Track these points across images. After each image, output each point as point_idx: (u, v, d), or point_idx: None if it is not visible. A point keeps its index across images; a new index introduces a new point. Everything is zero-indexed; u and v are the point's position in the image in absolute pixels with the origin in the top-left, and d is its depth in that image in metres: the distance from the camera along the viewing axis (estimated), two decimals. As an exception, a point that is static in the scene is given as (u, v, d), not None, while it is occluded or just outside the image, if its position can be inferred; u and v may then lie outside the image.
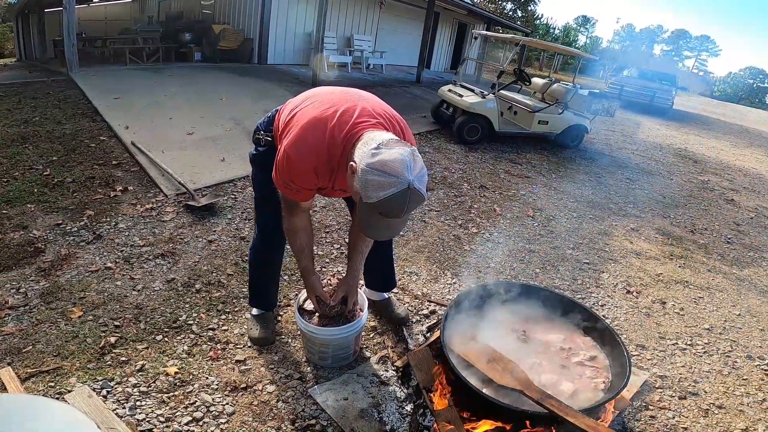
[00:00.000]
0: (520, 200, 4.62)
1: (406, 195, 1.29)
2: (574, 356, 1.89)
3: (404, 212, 1.33)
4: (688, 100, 25.20)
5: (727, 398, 2.23)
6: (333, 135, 1.48)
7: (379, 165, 1.28)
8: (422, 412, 1.83)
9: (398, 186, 1.27)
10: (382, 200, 1.29)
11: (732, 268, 3.80)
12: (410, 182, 1.28)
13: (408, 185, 1.28)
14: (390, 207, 1.30)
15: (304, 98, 1.66)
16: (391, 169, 1.28)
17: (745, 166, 8.30)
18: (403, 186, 1.28)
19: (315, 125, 1.50)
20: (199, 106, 5.80)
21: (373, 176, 1.28)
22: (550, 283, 3.07)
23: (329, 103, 1.55)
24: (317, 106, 1.56)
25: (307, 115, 1.53)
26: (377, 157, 1.30)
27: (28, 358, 1.92)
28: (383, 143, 1.33)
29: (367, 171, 1.29)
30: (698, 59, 66.16)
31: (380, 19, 12.80)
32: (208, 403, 1.82)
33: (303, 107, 1.60)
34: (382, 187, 1.28)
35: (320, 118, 1.50)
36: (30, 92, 5.71)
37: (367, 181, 1.29)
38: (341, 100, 1.56)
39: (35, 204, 3.16)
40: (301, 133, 1.50)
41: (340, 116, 1.49)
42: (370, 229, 1.41)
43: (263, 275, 2.17)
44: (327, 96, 1.61)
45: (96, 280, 2.48)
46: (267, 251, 2.09)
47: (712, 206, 5.48)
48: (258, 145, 1.87)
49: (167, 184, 3.68)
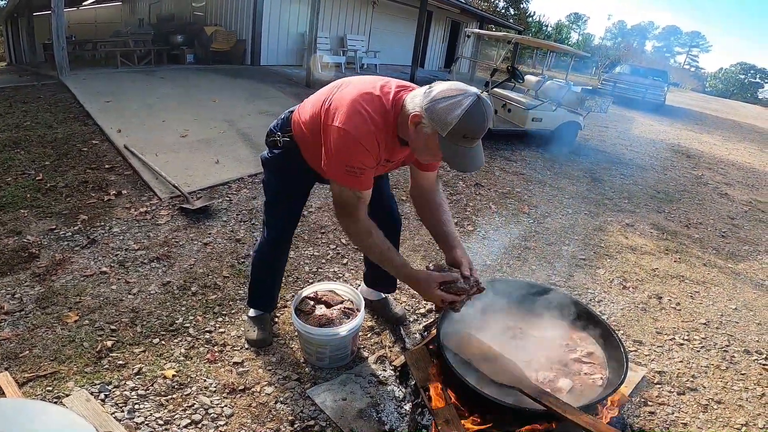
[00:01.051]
0: (515, 197, 4.63)
1: (480, 104, 1.34)
2: (571, 353, 1.89)
3: (487, 121, 1.36)
4: (680, 95, 25.36)
5: (725, 393, 2.24)
6: (382, 102, 1.50)
7: (441, 93, 1.35)
8: (420, 411, 1.83)
9: (469, 98, 1.33)
10: (462, 117, 1.32)
11: (727, 262, 3.82)
12: (476, 92, 1.35)
13: (476, 95, 1.34)
14: (473, 120, 1.33)
15: (329, 90, 1.65)
16: (454, 90, 1.35)
17: (738, 160, 8.36)
18: (473, 96, 1.34)
19: (362, 98, 1.50)
20: (192, 109, 5.78)
21: (441, 104, 1.34)
22: (546, 280, 3.07)
23: (364, 83, 1.57)
24: (354, 86, 1.56)
25: (349, 95, 1.52)
26: (434, 91, 1.37)
27: (25, 362, 1.91)
28: (430, 85, 1.41)
29: (434, 103, 1.35)
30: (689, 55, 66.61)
31: (373, 18, 12.79)
32: (206, 406, 1.81)
33: (338, 93, 1.58)
34: (456, 107, 1.32)
35: (364, 92, 1.51)
36: (21, 96, 5.66)
37: (439, 110, 1.34)
38: (374, 79, 1.59)
39: (28, 209, 3.14)
40: (353, 107, 1.48)
41: (381, 89, 1.53)
42: (459, 161, 1.42)
43: (268, 277, 2.15)
44: (357, 80, 1.62)
45: (91, 285, 2.46)
46: (275, 253, 2.07)
47: (707, 200, 5.51)
48: (274, 148, 1.83)
49: (161, 188, 3.66)
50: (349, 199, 1.56)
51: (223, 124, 5.35)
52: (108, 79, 6.91)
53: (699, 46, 66.50)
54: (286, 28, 10.35)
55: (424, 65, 15.11)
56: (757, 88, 57.29)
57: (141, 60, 8.95)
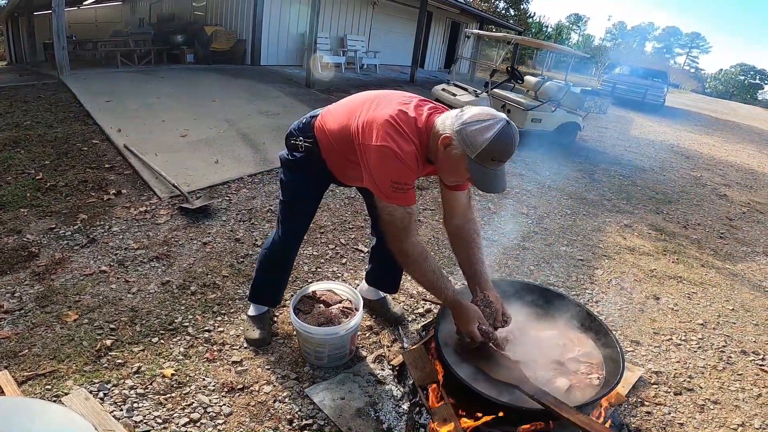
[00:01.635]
0: (514, 198, 4.64)
1: (510, 127, 1.40)
2: (568, 352, 1.90)
3: (514, 145, 1.41)
4: (680, 96, 25.38)
5: (722, 393, 2.25)
6: (417, 124, 1.53)
7: (473, 117, 1.42)
8: (418, 410, 1.84)
9: (499, 122, 1.39)
10: (492, 140, 1.37)
11: (725, 263, 3.83)
12: (505, 118, 1.41)
13: (506, 120, 1.41)
14: (502, 144, 1.39)
15: (361, 101, 1.66)
16: (484, 115, 1.42)
17: (737, 162, 8.37)
18: (503, 122, 1.40)
19: (399, 117, 1.53)
20: (192, 108, 5.79)
21: (472, 127, 1.40)
22: (544, 280, 3.08)
23: (396, 101, 1.60)
24: (389, 105, 1.58)
25: (384, 113, 1.54)
26: (466, 114, 1.44)
27: (25, 361, 1.91)
28: (462, 109, 1.48)
29: (464, 127, 1.41)
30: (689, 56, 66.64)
31: (373, 19, 12.80)
32: (205, 405, 1.82)
33: (371, 109, 1.59)
34: (486, 130, 1.38)
35: (400, 111, 1.54)
36: (21, 96, 5.67)
37: (469, 133, 1.40)
38: (405, 98, 1.63)
39: (28, 208, 3.15)
40: (391, 125, 1.51)
41: (415, 109, 1.57)
42: (486, 182, 1.45)
43: (276, 273, 2.15)
44: (389, 96, 1.65)
45: (91, 284, 2.47)
46: (286, 251, 2.08)
47: (705, 201, 5.52)
48: (295, 151, 1.84)
49: (161, 187, 3.67)
50: (402, 219, 1.55)
51: (222, 123, 5.36)
52: (108, 78, 6.92)
53: (699, 47, 66.56)
54: (286, 28, 10.36)
55: (423, 66, 15.12)
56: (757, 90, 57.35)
57: (141, 60, 8.95)
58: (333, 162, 1.79)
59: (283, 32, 10.33)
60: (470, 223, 1.82)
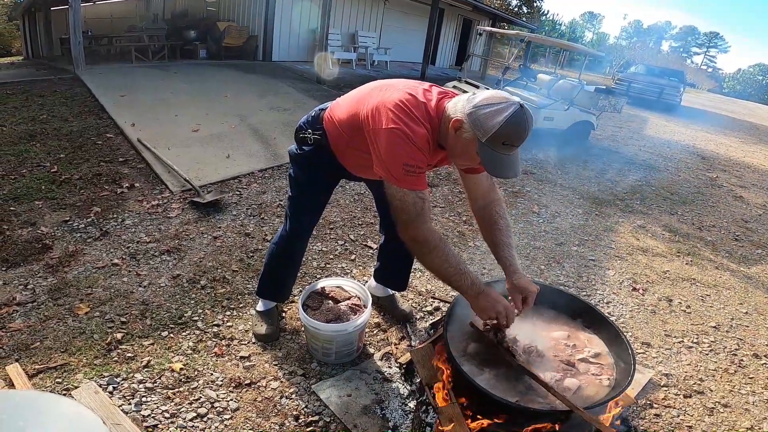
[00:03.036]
0: (525, 197, 4.60)
1: (524, 111, 1.37)
2: (578, 353, 1.88)
3: (528, 130, 1.38)
4: (697, 96, 24.98)
5: (732, 397, 2.22)
6: (427, 108, 1.51)
7: (485, 100, 1.39)
8: (425, 408, 1.83)
9: (512, 106, 1.36)
10: (503, 124, 1.34)
11: (740, 265, 3.76)
12: (518, 101, 1.38)
13: (519, 104, 1.37)
14: (513, 127, 1.35)
15: (369, 89, 1.65)
16: (497, 98, 1.39)
17: (754, 163, 8.22)
18: (515, 105, 1.36)
19: (409, 102, 1.50)
20: (204, 104, 5.82)
21: (484, 110, 1.37)
22: (555, 280, 3.06)
23: (404, 87, 1.57)
24: (398, 90, 1.56)
25: (394, 98, 1.52)
26: (477, 98, 1.41)
27: (36, 354, 1.94)
28: (473, 93, 1.45)
29: (476, 111, 1.38)
30: (707, 56, 65.53)
31: (385, 15, 12.76)
32: (212, 399, 1.83)
33: (381, 95, 1.57)
34: (498, 113, 1.35)
35: (408, 97, 1.51)
36: (37, 90, 5.75)
37: (481, 116, 1.37)
38: (414, 84, 1.60)
39: (43, 201, 3.19)
40: (402, 109, 1.48)
41: (424, 94, 1.54)
42: (500, 168, 1.42)
43: (285, 268, 2.15)
44: (398, 83, 1.62)
45: (103, 277, 2.50)
46: (295, 246, 2.08)
47: (720, 203, 5.43)
48: (304, 144, 1.84)
49: (173, 181, 3.70)
50: (414, 204, 1.48)
51: (234, 119, 5.39)
52: (123, 73, 6.99)
53: (717, 47, 65.44)
54: (298, 24, 10.37)
55: (435, 63, 15.05)
56: (776, 90, 56.20)
57: (155, 55, 9.03)
58: (342, 153, 1.76)
59: (294, 28, 10.34)
60: (493, 204, 1.79)
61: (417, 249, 1.54)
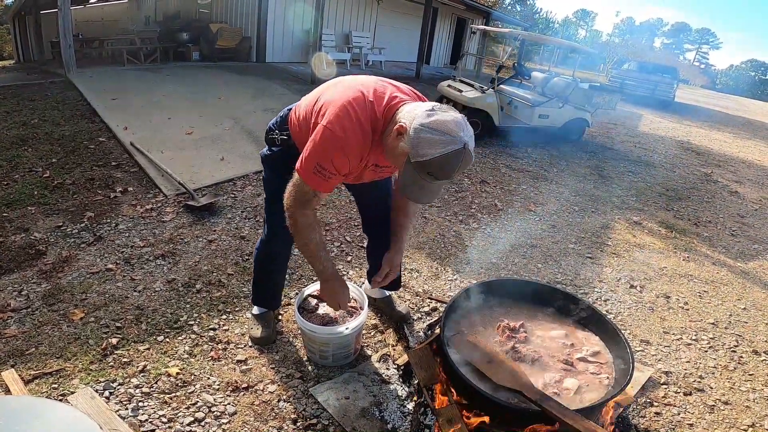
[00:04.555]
0: (521, 195, 4.60)
1: (461, 155, 1.33)
2: (577, 352, 1.87)
3: (456, 172, 1.36)
4: (690, 92, 25.11)
5: (733, 394, 2.21)
6: (374, 109, 1.48)
7: (435, 124, 1.32)
8: (423, 410, 1.82)
9: (454, 145, 1.31)
10: (436, 158, 1.31)
11: (737, 261, 3.77)
12: (465, 143, 1.32)
13: (464, 145, 1.32)
14: (443, 166, 1.33)
15: (323, 90, 1.64)
16: (448, 129, 1.31)
17: (748, 158, 8.26)
18: (458, 145, 1.32)
19: (352, 102, 1.48)
20: (198, 106, 5.79)
21: (428, 134, 1.31)
22: (552, 278, 3.05)
23: (358, 84, 1.55)
24: (347, 87, 1.54)
25: (342, 96, 1.50)
26: (432, 117, 1.33)
27: (31, 360, 1.92)
28: (436, 107, 1.37)
29: (422, 129, 1.32)
30: (699, 52, 65.92)
31: (378, 15, 12.75)
32: (209, 404, 1.81)
33: (331, 92, 1.56)
34: (437, 145, 1.31)
35: (355, 96, 1.49)
36: (28, 94, 5.70)
37: (421, 139, 1.32)
38: (367, 81, 1.57)
39: (36, 206, 3.16)
40: (343, 109, 1.46)
41: (374, 93, 1.51)
42: (413, 191, 1.42)
43: (270, 274, 2.14)
44: (350, 81, 1.60)
45: (97, 282, 2.47)
46: (276, 251, 2.06)
47: (716, 198, 5.45)
48: (272, 145, 1.83)
49: (167, 185, 3.68)
50: (305, 195, 1.56)
51: (228, 121, 5.36)
52: (115, 76, 6.94)
53: (709, 43, 65.80)
54: (291, 25, 10.34)
55: (429, 62, 15.05)
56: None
57: (147, 58, 8.98)
58: None
59: (288, 29, 10.31)
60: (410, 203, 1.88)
61: (290, 229, 1.65)
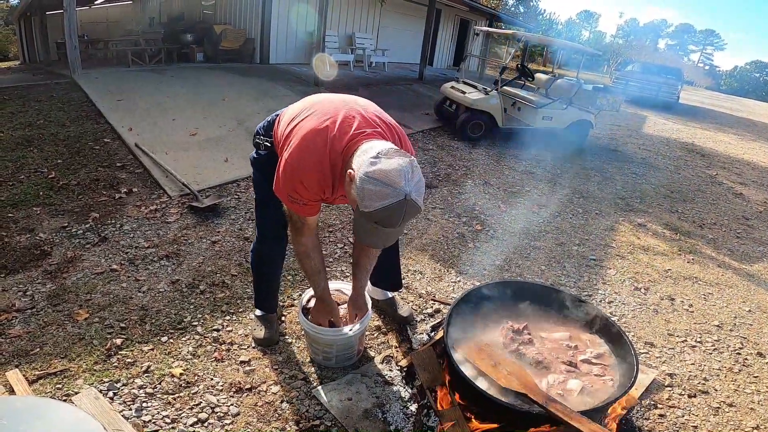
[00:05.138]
0: (525, 196, 4.59)
1: (403, 206, 1.30)
2: (581, 354, 1.87)
3: (400, 223, 1.34)
4: (694, 94, 25.01)
5: (737, 396, 2.20)
6: (334, 146, 1.48)
7: (378, 174, 1.29)
8: (426, 412, 1.82)
9: (395, 197, 1.28)
10: (378, 210, 1.29)
11: (742, 263, 3.75)
12: (407, 193, 1.29)
13: (405, 196, 1.29)
14: (386, 217, 1.31)
15: (301, 108, 1.65)
16: (389, 180, 1.28)
17: (753, 160, 8.21)
18: (399, 197, 1.28)
19: (315, 136, 1.49)
20: (202, 107, 5.81)
21: (370, 186, 1.29)
22: (555, 281, 3.05)
23: (327, 113, 1.54)
24: (316, 117, 1.55)
25: (306, 127, 1.52)
26: (376, 166, 1.30)
27: (36, 360, 1.93)
28: (382, 152, 1.33)
29: (365, 180, 1.29)
30: (703, 53, 65.68)
31: (382, 16, 12.76)
32: (213, 404, 1.81)
33: (301, 118, 1.58)
34: (379, 197, 1.28)
35: (320, 129, 1.50)
36: (33, 95, 5.73)
37: (365, 191, 1.30)
38: (339, 110, 1.55)
39: (41, 207, 3.18)
40: (302, 145, 1.50)
41: (340, 126, 1.49)
42: (366, 237, 1.42)
43: (264, 276, 2.15)
44: (325, 106, 1.59)
45: (101, 282, 2.48)
46: (270, 254, 2.07)
47: (721, 200, 5.42)
48: (258, 149, 1.86)
49: (171, 186, 3.69)
50: (296, 222, 1.69)
51: (232, 122, 5.37)
52: (119, 77, 6.97)
53: (713, 45, 65.55)
54: (295, 26, 10.36)
55: (432, 63, 15.05)
56: (773, 87, 56.33)
57: (152, 59, 9.01)
58: None
59: (291, 30, 10.33)
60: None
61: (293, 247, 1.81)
